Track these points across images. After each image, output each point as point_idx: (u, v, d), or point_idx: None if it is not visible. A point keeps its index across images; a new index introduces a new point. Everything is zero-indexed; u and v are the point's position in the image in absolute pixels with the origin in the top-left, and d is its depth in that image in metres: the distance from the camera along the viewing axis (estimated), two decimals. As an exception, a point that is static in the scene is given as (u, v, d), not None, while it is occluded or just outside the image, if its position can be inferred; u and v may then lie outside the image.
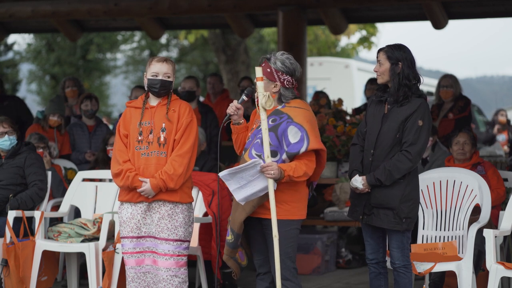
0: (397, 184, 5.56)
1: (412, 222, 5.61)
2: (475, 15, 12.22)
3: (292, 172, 5.17)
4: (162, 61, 5.68)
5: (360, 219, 5.70)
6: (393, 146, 5.58)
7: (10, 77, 30.12)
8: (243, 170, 5.14)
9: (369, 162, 5.66)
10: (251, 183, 5.16)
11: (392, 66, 5.60)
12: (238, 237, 5.33)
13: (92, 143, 9.23)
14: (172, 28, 15.87)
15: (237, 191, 5.19)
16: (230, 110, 5.40)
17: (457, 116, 9.22)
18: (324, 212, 8.54)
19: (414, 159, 5.52)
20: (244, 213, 5.27)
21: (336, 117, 8.94)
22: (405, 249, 5.65)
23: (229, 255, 5.43)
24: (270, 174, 5.13)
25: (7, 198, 7.05)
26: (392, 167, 5.51)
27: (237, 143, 5.51)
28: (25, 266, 6.73)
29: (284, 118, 5.25)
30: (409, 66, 5.58)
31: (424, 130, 5.55)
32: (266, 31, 23.68)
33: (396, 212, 5.55)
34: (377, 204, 5.61)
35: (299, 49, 10.97)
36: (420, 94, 5.62)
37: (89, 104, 9.33)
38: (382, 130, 5.63)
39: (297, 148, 5.18)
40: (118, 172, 5.65)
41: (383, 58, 5.62)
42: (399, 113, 5.59)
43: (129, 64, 34.94)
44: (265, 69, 5.32)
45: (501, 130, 15.29)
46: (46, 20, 13.30)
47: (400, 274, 5.68)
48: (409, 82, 5.57)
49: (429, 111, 5.63)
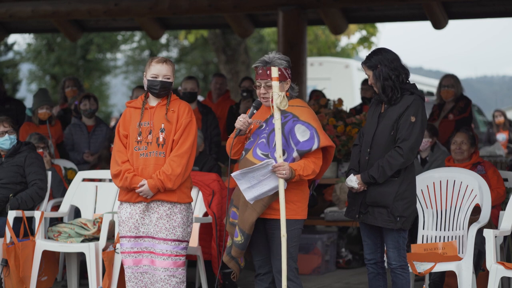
0: (391, 182, 5.58)
1: (407, 222, 5.60)
2: (475, 15, 12.22)
3: (302, 171, 5.21)
4: (161, 62, 5.68)
5: (356, 218, 5.72)
6: (388, 145, 5.60)
7: (10, 77, 30.11)
8: (255, 170, 5.15)
9: (365, 161, 5.68)
10: (261, 182, 5.18)
11: (373, 72, 5.66)
12: (248, 238, 5.30)
13: (91, 143, 9.23)
14: (172, 28, 15.86)
15: (248, 191, 5.19)
16: (242, 126, 5.35)
17: (458, 117, 9.21)
18: (324, 212, 8.54)
19: (406, 155, 5.53)
20: (255, 213, 5.25)
21: (336, 117, 8.95)
22: (401, 249, 5.65)
23: (238, 256, 5.39)
24: (282, 174, 5.15)
25: (7, 197, 7.06)
26: (384, 164, 5.54)
27: (236, 147, 5.46)
28: (25, 266, 6.73)
29: (289, 117, 5.27)
30: (386, 65, 5.63)
31: (417, 126, 5.57)
32: (266, 31, 23.69)
33: (390, 210, 5.56)
34: (371, 203, 5.64)
35: (299, 49, 10.97)
36: (412, 91, 5.64)
37: (88, 104, 9.33)
38: (378, 129, 5.67)
39: (309, 146, 5.22)
40: (117, 173, 5.65)
41: (366, 69, 5.72)
42: (393, 112, 5.63)
43: (129, 64, 34.93)
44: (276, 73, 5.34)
45: (502, 130, 15.29)
46: (46, 20, 13.30)
47: (397, 275, 5.68)
48: (391, 80, 5.62)
49: (422, 108, 5.63)
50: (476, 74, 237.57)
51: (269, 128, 5.31)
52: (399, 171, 5.59)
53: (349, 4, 11.62)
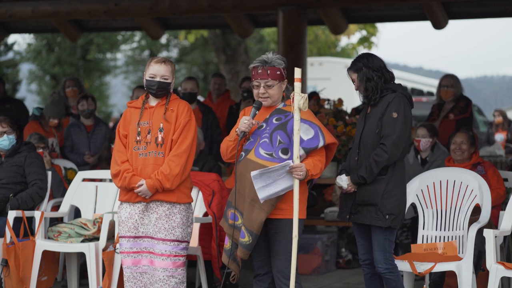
0: (379, 180, 5.63)
1: (397, 220, 5.61)
2: (475, 15, 12.22)
3: (313, 170, 5.24)
4: (160, 63, 5.67)
5: (347, 219, 5.75)
6: (375, 144, 5.65)
7: (10, 77, 30.13)
8: (274, 170, 5.16)
9: (355, 162, 5.73)
10: (276, 182, 5.18)
11: (358, 75, 5.75)
12: (256, 238, 5.28)
13: (91, 143, 9.23)
14: (172, 28, 15.86)
15: (262, 190, 5.18)
16: (247, 128, 5.33)
17: (458, 117, 9.21)
18: (324, 212, 8.54)
19: (389, 151, 5.56)
20: (264, 213, 5.23)
21: (336, 117, 8.95)
22: (387, 252, 5.66)
23: (244, 257, 5.36)
24: (299, 175, 5.17)
25: (7, 197, 7.06)
26: (371, 162, 5.59)
27: (234, 150, 5.42)
28: (25, 266, 6.73)
29: (290, 116, 5.28)
30: (369, 67, 5.71)
31: (399, 122, 5.61)
32: (266, 31, 23.70)
33: (378, 207, 5.59)
34: (361, 201, 5.68)
35: (299, 49, 10.96)
36: (394, 90, 5.69)
37: (86, 104, 9.33)
38: (364, 130, 5.75)
39: (315, 143, 5.24)
40: (116, 173, 5.65)
41: (351, 73, 5.81)
42: (376, 111, 5.70)
43: (129, 64, 34.95)
44: (274, 73, 5.33)
45: (500, 130, 15.28)
46: (46, 20, 13.29)
47: (387, 279, 5.69)
48: (373, 81, 5.69)
49: (405, 103, 5.67)
50: (476, 74, 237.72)
51: (270, 128, 5.31)
52: (386, 169, 5.62)
53: (349, 4, 11.61)
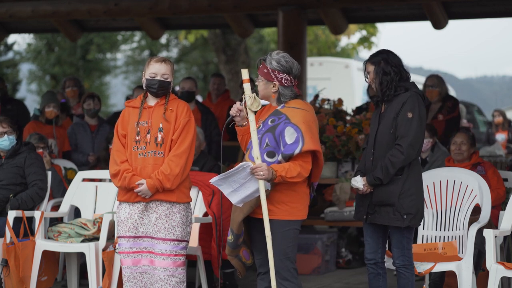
0: (395, 180, 5.60)
1: (415, 219, 5.60)
2: (475, 15, 12.22)
3: (285, 172, 5.13)
4: (160, 62, 5.68)
5: (364, 219, 5.72)
6: (390, 144, 5.62)
7: (10, 77, 30.12)
8: (233, 174, 5.12)
9: (370, 162, 5.70)
10: (244, 185, 5.15)
11: (375, 67, 5.72)
12: (237, 237, 5.32)
13: (95, 143, 9.23)
14: (172, 28, 15.86)
15: (232, 195, 5.18)
16: (232, 112, 5.40)
17: (447, 117, 9.21)
18: (324, 212, 8.54)
19: (406, 151, 5.54)
20: (242, 214, 5.26)
21: (336, 117, 8.94)
22: (404, 249, 5.66)
23: (230, 254, 5.43)
24: (260, 175, 5.11)
25: (7, 198, 7.06)
26: (387, 163, 5.56)
27: (243, 144, 5.51)
28: (25, 266, 6.73)
29: (282, 118, 5.24)
30: (388, 63, 5.69)
31: (415, 122, 5.58)
32: (266, 31, 23.68)
33: (395, 208, 5.57)
34: (378, 202, 5.65)
35: (299, 49, 10.96)
36: (407, 88, 5.67)
37: (92, 103, 9.33)
38: (379, 129, 5.71)
39: (292, 149, 5.15)
40: (116, 173, 5.65)
41: (369, 65, 5.78)
42: (391, 110, 5.66)
43: (129, 64, 34.93)
44: (262, 70, 5.34)
45: (501, 130, 15.28)
46: (46, 20, 13.30)
47: (400, 274, 5.69)
48: (389, 76, 5.67)
49: (419, 103, 5.65)
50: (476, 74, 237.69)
51: (264, 129, 5.31)
52: (402, 169, 5.60)
53: (349, 4, 11.61)
